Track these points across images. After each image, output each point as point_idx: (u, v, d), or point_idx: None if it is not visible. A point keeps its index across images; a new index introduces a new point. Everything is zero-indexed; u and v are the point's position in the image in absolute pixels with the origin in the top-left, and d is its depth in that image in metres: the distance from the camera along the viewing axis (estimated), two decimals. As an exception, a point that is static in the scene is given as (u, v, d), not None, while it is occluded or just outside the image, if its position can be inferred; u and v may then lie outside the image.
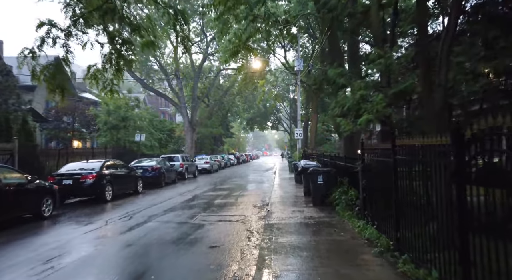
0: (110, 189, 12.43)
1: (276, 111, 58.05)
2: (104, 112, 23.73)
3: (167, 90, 40.91)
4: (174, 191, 15.74)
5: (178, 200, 12.80)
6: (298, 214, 9.26)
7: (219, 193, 15.10)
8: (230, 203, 12.18)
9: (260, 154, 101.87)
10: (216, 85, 41.37)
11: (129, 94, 25.52)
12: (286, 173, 26.01)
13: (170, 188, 17.00)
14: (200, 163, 27.73)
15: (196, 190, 16.08)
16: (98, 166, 12.41)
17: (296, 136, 24.83)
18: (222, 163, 34.82)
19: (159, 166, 17.35)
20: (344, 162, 9.86)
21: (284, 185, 17.30)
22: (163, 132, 31.24)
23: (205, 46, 37.04)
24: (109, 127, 23.86)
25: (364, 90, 6.71)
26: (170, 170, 19.03)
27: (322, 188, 10.39)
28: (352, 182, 8.87)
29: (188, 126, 36.09)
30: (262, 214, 9.83)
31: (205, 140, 44.16)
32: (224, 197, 13.77)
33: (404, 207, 5.07)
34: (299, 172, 13.13)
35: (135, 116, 25.85)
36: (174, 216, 9.71)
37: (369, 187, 6.92)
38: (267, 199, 12.84)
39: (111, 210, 11.01)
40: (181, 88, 36.52)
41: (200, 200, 12.97)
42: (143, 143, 24.90)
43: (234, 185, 18.66)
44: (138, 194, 14.69)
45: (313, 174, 10.56)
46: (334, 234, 6.97)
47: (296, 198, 12.52)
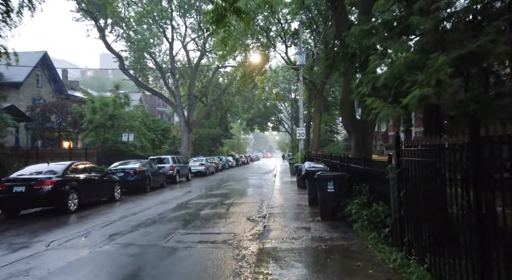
0: (75, 197, 10.17)
1: (277, 112, 55.82)
2: (89, 109, 21.51)
3: (163, 89, 38.71)
4: (158, 198, 13.47)
5: (157, 210, 10.53)
6: (303, 233, 6.98)
7: (209, 200, 12.83)
8: (219, 214, 9.91)
9: (261, 156, 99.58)
10: (214, 83, 39.16)
11: (117, 90, 23.28)
12: (287, 176, 23.72)
13: (155, 194, 14.73)
14: (194, 165, 25.47)
15: (184, 197, 13.81)
16: (61, 169, 10.15)
17: (298, 136, 22.57)
18: (220, 165, 32.56)
19: (143, 168, 15.10)
20: (362, 165, 7.58)
21: (285, 190, 15.03)
22: (157, 132, 29.00)
23: (202, 43, 34.84)
24: (95, 126, 21.66)
25: (412, 54, 4.35)
26: (157, 173, 16.78)
27: (333, 198, 8.11)
28: (375, 192, 6.59)
29: (184, 126, 33.86)
30: (257, 231, 7.57)
31: (203, 141, 41.93)
32: (214, 205, 11.50)
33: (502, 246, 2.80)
34: (303, 176, 10.87)
35: (125, 114, 23.64)
36: (142, 235, 7.44)
37: (411, 203, 4.64)
38: (264, 209, 10.57)
39: (68, 225, 8.74)
40: (177, 86, 34.30)
41: (185, 210, 10.70)
42: (131, 143, 22.69)
43: (228, 190, 16.39)
44: (115, 201, 12.42)
45: (321, 180, 8.28)
46: (359, 273, 4.69)
47: (299, 208, 10.23)
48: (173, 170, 19.38)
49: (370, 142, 13.38)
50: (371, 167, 7.00)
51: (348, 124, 13.21)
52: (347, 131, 13.32)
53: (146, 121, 28.90)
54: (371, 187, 6.90)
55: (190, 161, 26.75)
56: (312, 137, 33.94)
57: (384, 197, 5.93)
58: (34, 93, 28.88)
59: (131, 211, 10.49)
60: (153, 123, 29.82)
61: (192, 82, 35.23)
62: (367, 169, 7.26)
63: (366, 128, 13.00)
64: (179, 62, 38.27)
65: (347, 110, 13.35)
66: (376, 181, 6.49)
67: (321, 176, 8.30)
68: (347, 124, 13.19)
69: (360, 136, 12.86)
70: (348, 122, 13.21)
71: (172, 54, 33.84)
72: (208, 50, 34.72)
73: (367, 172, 7.30)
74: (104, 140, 22.27)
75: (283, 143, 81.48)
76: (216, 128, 42.38)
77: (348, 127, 13.17)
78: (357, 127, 12.98)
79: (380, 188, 6.22)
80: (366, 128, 13.02)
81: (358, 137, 12.88)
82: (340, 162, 10.30)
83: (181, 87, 39.89)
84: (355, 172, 8.29)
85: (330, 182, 8.16)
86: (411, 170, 4.57)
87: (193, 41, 36.11)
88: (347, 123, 13.19)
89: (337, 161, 11.22)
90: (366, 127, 13.03)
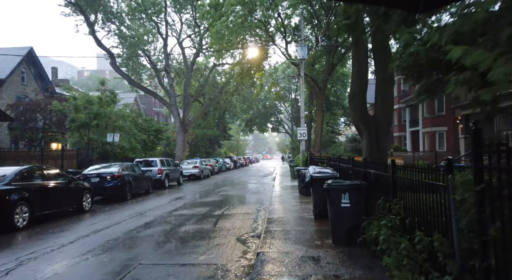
0: (25, 211, 8.09)
1: (277, 112, 53.80)
2: (72, 107, 19.45)
3: (158, 88, 36.67)
4: (136, 208, 11.38)
5: (127, 226, 8.44)
6: (310, 268, 4.90)
7: (196, 210, 10.74)
8: (203, 232, 7.82)
9: (261, 158, 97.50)
10: (211, 82, 37.13)
11: (102, 86, 21.23)
12: (287, 179, 21.64)
13: (136, 203, 12.63)
14: (187, 168, 23.38)
15: (168, 206, 11.73)
16: (8, 176, 8.06)
17: (299, 137, 20.48)
18: (216, 168, 30.46)
19: (122, 173, 13.00)
20: (389, 172, 5.48)
21: (285, 197, 12.95)
22: (149, 132, 26.94)
23: (198, 40, 32.81)
24: (78, 126, 19.60)
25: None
26: (141, 178, 14.69)
27: (349, 216, 6.03)
28: (418, 213, 4.50)
29: (180, 126, 31.80)
30: (247, 263, 5.50)
31: (200, 142, 39.88)
32: (201, 218, 9.42)
33: None
34: (307, 183, 8.77)
35: (113, 113, 21.57)
36: (88, 270, 5.36)
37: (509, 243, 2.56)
38: (260, 224, 8.50)
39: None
40: (172, 85, 32.28)
41: (162, 225, 8.61)
42: (118, 144, 20.61)
43: (221, 196, 14.31)
44: (83, 213, 10.33)
45: (333, 191, 6.19)
46: None
47: (303, 223, 8.14)
48: (161, 174, 17.29)
49: (385, 142, 11.32)
50: (407, 175, 4.92)
51: (359, 121, 11.15)
52: (358, 129, 11.24)
53: (137, 121, 26.82)
54: (408, 204, 4.82)
55: (184, 163, 24.69)
56: (314, 138, 31.89)
57: (436, 223, 3.86)
58: (18, 91, 26.85)
59: (95, 227, 8.40)
60: (145, 123, 27.73)
61: (187, 81, 33.20)
62: (400, 177, 5.18)
63: (380, 126, 10.94)
64: (174, 60, 36.29)
65: (358, 104, 11.29)
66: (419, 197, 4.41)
67: (333, 187, 6.21)
68: (358, 121, 11.14)
69: (373, 135, 10.79)
70: (359, 119, 11.15)
71: (166, 51, 31.81)
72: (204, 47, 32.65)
73: (398, 182, 5.23)
74: (89, 141, 20.20)
75: (283, 144, 79.45)
76: (214, 129, 40.34)
77: (359, 125, 11.11)
78: (370, 124, 10.90)
79: (426, 209, 4.15)
80: (380, 125, 10.96)
81: (371, 137, 10.81)
82: (353, 166, 8.20)
83: (176, 86, 37.91)
84: (377, 181, 6.22)
85: (345, 195, 6.08)
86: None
87: (189, 38, 34.10)
88: (358, 120, 11.13)
89: (347, 165, 9.13)
90: (380, 125, 10.97)
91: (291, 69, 37.14)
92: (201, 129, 39.10)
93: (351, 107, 11.50)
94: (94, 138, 20.86)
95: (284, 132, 59.94)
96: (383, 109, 10.78)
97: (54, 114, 21.96)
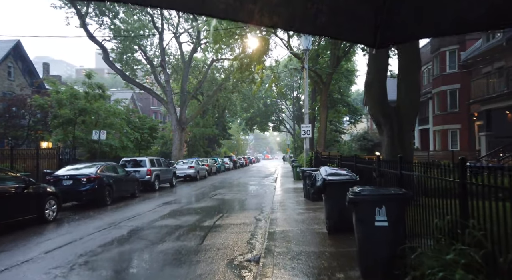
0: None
1: (278, 110, 51.88)
2: (54, 102, 17.56)
3: (155, 85, 34.79)
4: (113, 216, 9.47)
5: (89, 244, 6.53)
6: None
7: (183, 220, 8.85)
8: (185, 252, 5.92)
9: (261, 157, 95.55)
10: (209, 78, 35.23)
11: (88, 79, 19.35)
12: (290, 181, 19.75)
13: (115, 209, 10.73)
14: (182, 168, 21.48)
15: (151, 214, 9.83)
16: None
17: (303, 134, 18.58)
18: (214, 168, 28.52)
19: (100, 175, 11.10)
20: (459, 176, 3.57)
21: (289, 203, 11.05)
22: (143, 130, 25.06)
23: (196, 34, 30.94)
24: (61, 122, 17.73)
25: None
26: (125, 180, 12.81)
27: (387, 240, 4.11)
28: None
29: (176, 124, 29.93)
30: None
31: (198, 141, 37.98)
32: (186, 231, 7.52)
33: None
34: (319, 188, 6.85)
35: (102, 108, 19.68)
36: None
37: None
38: (259, 241, 6.61)
39: None
40: (168, 81, 30.40)
41: (133, 243, 6.71)
42: (106, 143, 18.74)
43: (216, 201, 12.40)
44: (45, 223, 8.41)
45: (363, 204, 4.25)
46: None
47: (315, 242, 6.23)
48: (151, 175, 15.40)
49: (409, 138, 9.40)
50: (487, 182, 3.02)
51: (378, 113, 9.22)
52: (376, 123, 9.31)
53: (130, 118, 24.94)
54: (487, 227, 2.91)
55: (179, 163, 22.80)
56: (317, 136, 29.97)
57: None
58: (5, 87, 24.99)
59: (47, 245, 6.49)
60: (139, 120, 25.86)
61: (185, 77, 31.33)
62: (476, 184, 3.28)
63: (404, 118, 9.03)
64: (172, 56, 34.43)
65: (377, 93, 9.36)
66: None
67: (363, 197, 4.28)
68: (377, 113, 9.20)
69: (396, 129, 8.86)
70: (378, 110, 9.21)
71: (162, 45, 29.94)
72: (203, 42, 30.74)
73: (472, 192, 3.33)
74: (74, 138, 18.34)
75: (284, 144, 77.56)
76: (213, 128, 38.42)
77: (378, 118, 9.19)
78: (392, 117, 8.98)
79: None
80: (404, 118, 9.05)
81: (393, 132, 8.87)
82: (379, 167, 6.29)
83: (174, 83, 36.06)
84: (424, 188, 4.31)
85: (381, 209, 4.16)
86: None
87: (186, 32, 32.23)
88: (377, 112, 9.20)
89: (368, 165, 7.21)
90: (404, 117, 9.06)
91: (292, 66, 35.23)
92: (199, 128, 37.22)
93: (368, 96, 9.58)
94: (81, 136, 18.99)
95: (285, 132, 58.02)
96: (408, 97, 8.87)
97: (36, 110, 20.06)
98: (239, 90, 37.06)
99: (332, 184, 6.67)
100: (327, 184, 6.68)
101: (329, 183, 6.68)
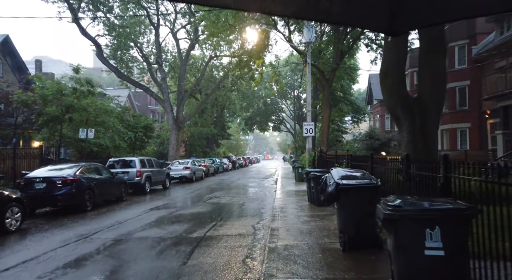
0: None
1: (278, 110, 50.54)
2: (39, 98, 16.21)
3: (151, 83, 33.46)
4: (86, 226, 8.11)
5: (40, 267, 5.19)
6: None
7: (168, 230, 7.51)
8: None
9: (262, 158, 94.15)
10: (207, 76, 33.87)
11: (76, 74, 17.98)
12: (291, 182, 18.42)
13: (93, 217, 9.37)
14: (177, 169, 20.15)
15: (133, 223, 8.48)
16: None
17: (305, 133, 17.25)
18: (211, 169, 27.14)
19: (79, 176, 9.76)
20: None
21: (291, 209, 9.72)
22: (137, 129, 23.70)
23: (193, 29, 29.62)
24: (46, 120, 16.39)
25: None
26: (109, 182, 11.46)
27: (442, 276, 2.77)
28: None
29: (173, 123, 28.61)
30: None
31: (196, 141, 36.63)
32: (168, 247, 6.18)
33: None
34: (330, 195, 5.50)
35: (93, 106, 18.31)
36: None
37: None
38: (257, 262, 5.26)
39: None
40: (164, 78, 29.09)
41: (98, 263, 5.37)
42: (94, 142, 17.38)
43: (210, 206, 11.06)
44: (4, 235, 7.07)
45: (406, 223, 2.91)
46: None
47: (328, 264, 4.87)
48: (141, 177, 14.06)
49: (434, 134, 8.04)
50: None
51: (396, 105, 7.86)
52: (395, 117, 7.97)
53: (124, 117, 23.57)
54: None
55: (174, 163, 21.46)
56: (318, 136, 28.63)
57: None
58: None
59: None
60: (134, 119, 24.50)
61: (182, 74, 30.00)
62: None
63: (427, 110, 7.69)
64: (169, 54, 33.07)
65: (395, 82, 8.05)
66: None
67: (407, 213, 2.93)
68: (395, 105, 7.85)
69: (418, 124, 7.53)
70: (396, 101, 7.86)
71: (158, 41, 28.64)
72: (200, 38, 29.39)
73: None
74: (60, 137, 16.99)
75: (284, 144, 76.23)
76: (211, 127, 37.07)
77: (396, 111, 7.85)
78: (413, 109, 7.64)
79: None
80: (428, 109, 7.71)
81: (414, 126, 7.51)
82: (408, 169, 4.94)
83: (171, 81, 34.73)
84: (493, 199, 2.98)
85: (434, 231, 2.82)
86: None
87: (183, 29, 30.89)
88: (395, 104, 7.84)
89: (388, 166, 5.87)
90: (428, 109, 7.72)
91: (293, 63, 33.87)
92: (197, 127, 35.89)
93: (384, 87, 8.23)
94: (69, 135, 17.64)
95: (285, 131, 56.70)
96: (432, 85, 7.54)
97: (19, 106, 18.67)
98: (238, 89, 35.72)
99: (348, 190, 5.33)
100: (341, 190, 5.35)
101: (344, 189, 5.35)
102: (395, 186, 5.40)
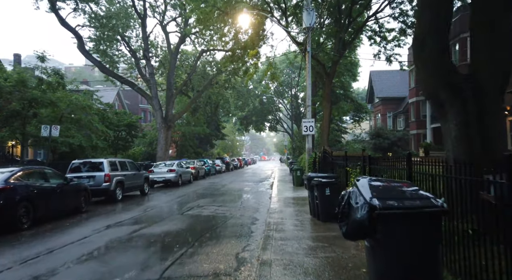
0: None
1: (275, 109, 48.20)
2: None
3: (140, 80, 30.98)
4: (3, 258, 5.70)
5: None
6: None
7: (108, 268, 5.09)
8: None
9: (258, 159, 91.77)
10: (199, 73, 31.43)
11: (42, 63, 15.52)
12: (289, 187, 16.06)
13: (23, 240, 6.93)
14: (161, 172, 17.73)
15: (67, 251, 6.05)
16: None
17: (304, 131, 14.86)
18: (202, 171, 24.67)
19: (9, 186, 7.31)
20: None
21: (290, 226, 7.33)
22: (118, 128, 21.25)
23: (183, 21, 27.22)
24: (6, 116, 13.93)
25: None
26: (59, 191, 9.00)
27: None
28: None
29: (162, 122, 26.14)
30: None
31: (188, 141, 34.18)
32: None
33: None
34: (360, 224, 3.16)
35: (62, 100, 15.84)
36: None
37: None
38: None
39: None
40: (152, 73, 26.63)
41: None
42: (63, 141, 14.93)
43: (186, 221, 8.64)
44: None
45: None
46: None
47: None
48: (110, 182, 11.61)
49: (498, 124, 5.63)
50: None
51: (437, 85, 5.44)
52: (435, 102, 5.60)
53: (105, 114, 21.11)
54: None
55: (159, 165, 19.00)
56: (317, 136, 26.29)
57: None
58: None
59: None
60: (116, 116, 22.06)
61: (171, 69, 27.57)
62: None
63: (486, 91, 5.32)
64: (159, 48, 30.62)
65: (436, 54, 5.72)
66: None
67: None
68: (436, 85, 5.41)
69: (472, 110, 5.14)
70: (438, 80, 5.39)
71: (145, 32, 26.20)
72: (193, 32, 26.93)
73: None
74: (23, 136, 14.53)
75: (281, 145, 73.84)
76: (204, 127, 34.62)
77: (437, 93, 5.39)
78: (464, 89, 5.28)
79: None
80: (486, 90, 5.35)
81: (467, 114, 5.03)
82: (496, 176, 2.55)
83: (162, 78, 32.31)
84: None
85: None
86: None
87: (174, 21, 28.47)
88: (436, 83, 5.40)
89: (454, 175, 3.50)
90: (486, 89, 5.35)
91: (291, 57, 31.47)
92: (189, 127, 33.45)
93: (419, 62, 5.84)
94: (35, 133, 15.17)
95: (282, 131, 54.36)
96: (495, 58, 5.19)
97: None
98: (233, 86, 33.34)
99: (393, 218, 2.95)
100: (381, 217, 2.96)
101: (385, 216, 2.96)
102: (468, 210, 3.04)
